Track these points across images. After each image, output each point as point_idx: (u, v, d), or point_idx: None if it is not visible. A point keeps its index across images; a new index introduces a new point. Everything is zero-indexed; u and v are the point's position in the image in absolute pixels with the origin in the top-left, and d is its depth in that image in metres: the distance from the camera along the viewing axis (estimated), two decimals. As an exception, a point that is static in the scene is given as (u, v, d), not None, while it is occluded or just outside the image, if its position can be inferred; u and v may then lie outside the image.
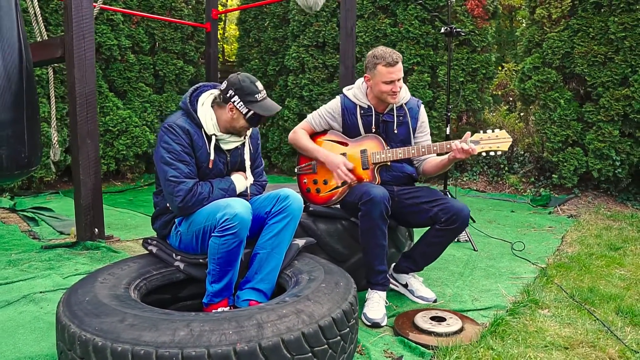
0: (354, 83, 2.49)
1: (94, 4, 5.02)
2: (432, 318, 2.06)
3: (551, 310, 2.23)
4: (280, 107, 2.10)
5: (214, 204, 1.89)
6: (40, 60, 3.24)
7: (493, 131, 2.20)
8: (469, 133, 2.18)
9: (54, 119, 3.62)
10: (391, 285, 2.47)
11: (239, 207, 1.82)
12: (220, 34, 9.08)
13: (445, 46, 5.60)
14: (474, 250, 3.26)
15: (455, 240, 3.45)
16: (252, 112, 2.00)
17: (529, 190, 5.09)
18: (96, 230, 3.09)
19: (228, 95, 1.98)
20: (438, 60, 5.65)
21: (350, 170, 2.30)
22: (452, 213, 2.19)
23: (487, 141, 2.19)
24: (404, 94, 2.41)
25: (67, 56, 2.93)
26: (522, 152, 5.45)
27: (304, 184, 2.51)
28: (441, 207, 2.23)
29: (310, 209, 2.42)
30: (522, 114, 6.25)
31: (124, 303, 1.58)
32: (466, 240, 3.40)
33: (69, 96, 2.99)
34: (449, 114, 3.58)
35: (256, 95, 2.00)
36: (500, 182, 5.42)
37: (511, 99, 7.01)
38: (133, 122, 6.03)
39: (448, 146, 2.22)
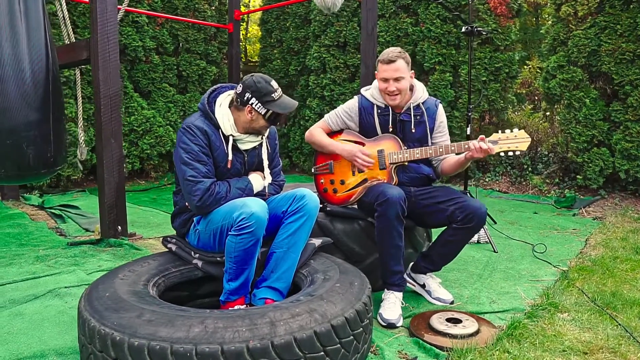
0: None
1: (119, 6, 5.14)
2: (448, 320, 2.04)
3: (571, 314, 2.19)
4: (297, 103, 2.12)
5: (231, 204, 1.92)
6: (67, 62, 3.35)
7: (512, 131, 2.18)
8: (483, 136, 2.16)
9: (81, 119, 3.72)
10: (409, 285, 2.47)
11: (256, 207, 1.85)
12: (242, 34, 9.19)
13: (467, 45, 5.53)
14: (494, 251, 3.21)
15: (476, 241, 3.42)
16: (271, 111, 2.02)
17: (553, 192, 4.99)
18: (119, 227, 3.17)
19: (245, 98, 2.01)
20: (460, 59, 5.59)
21: (368, 156, 2.31)
22: (469, 212, 2.17)
23: (506, 141, 2.17)
24: (421, 94, 2.40)
25: (92, 58, 3.01)
26: (547, 153, 5.34)
27: (321, 184, 2.52)
28: (457, 205, 2.21)
29: (328, 209, 2.44)
30: (548, 113, 6.13)
31: (142, 299, 1.62)
32: (486, 241, 3.37)
33: (94, 97, 3.08)
34: (469, 114, 3.54)
35: (273, 95, 2.02)
36: (524, 183, 5.33)
37: (536, 98, 6.88)
38: (157, 122, 6.15)
39: (466, 146, 2.20)
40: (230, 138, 2.05)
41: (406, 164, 2.35)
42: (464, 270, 2.86)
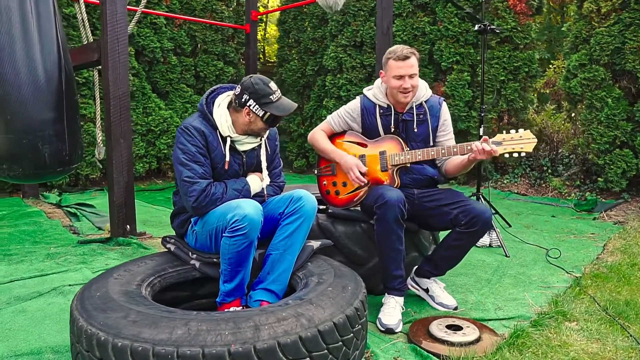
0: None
1: (136, 8, 5.21)
2: (448, 326, 1.98)
3: (580, 323, 2.10)
4: (297, 105, 2.09)
5: (226, 205, 1.91)
6: (80, 64, 3.40)
7: (517, 131, 2.10)
8: (486, 137, 2.09)
9: (99, 119, 3.79)
10: (412, 290, 2.41)
11: (249, 208, 1.83)
12: (261, 35, 9.23)
13: (486, 44, 5.41)
14: (506, 256, 3.12)
15: (487, 245, 3.33)
16: (268, 113, 2.00)
17: (573, 194, 4.83)
18: (128, 227, 3.21)
19: (243, 100, 2.00)
20: (478, 58, 5.46)
21: (364, 174, 2.27)
22: (473, 215, 2.10)
23: (510, 142, 2.09)
24: (424, 92, 2.34)
25: (102, 59, 3.05)
26: (568, 154, 5.17)
27: (324, 186, 2.49)
28: (461, 209, 2.15)
29: (329, 211, 2.40)
30: (572, 114, 5.94)
31: (132, 299, 1.62)
32: (498, 245, 3.27)
33: (104, 98, 3.12)
34: (482, 114, 3.45)
35: (271, 97, 2.00)
36: (543, 185, 5.17)
37: (560, 98, 6.68)
38: (174, 122, 6.23)
39: (469, 147, 2.14)
40: (228, 139, 2.03)
41: (408, 165, 2.29)
42: (472, 274, 2.78)
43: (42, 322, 2.09)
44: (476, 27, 3.36)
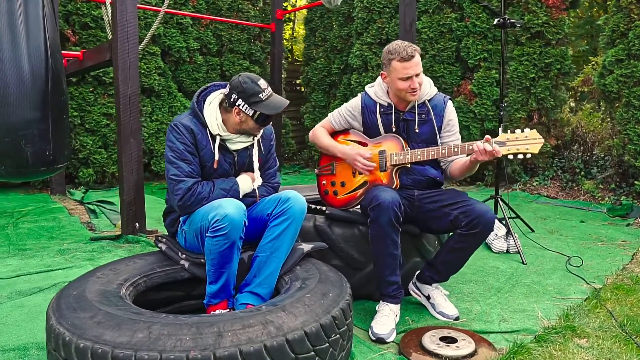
0: None
1: (159, 8, 5.28)
2: (442, 338, 1.86)
3: (590, 340, 1.93)
4: (288, 102, 2.01)
5: (210, 204, 1.87)
6: (96, 63, 3.47)
7: (522, 131, 1.96)
8: (488, 137, 1.96)
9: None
10: (414, 296, 2.30)
11: (230, 208, 1.78)
12: (289, 33, 9.21)
13: (515, 40, 5.17)
14: (522, 263, 2.94)
15: (504, 250, 3.16)
16: (258, 112, 1.94)
17: (607, 198, 4.53)
18: (137, 224, 3.23)
19: (232, 99, 1.95)
20: (508, 55, 5.22)
21: (369, 159, 2.18)
22: (474, 216, 1.97)
23: (515, 142, 1.95)
24: (428, 89, 2.22)
25: (113, 59, 3.09)
26: (603, 155, 4.86)
27: (323, 186, 2.41)
28: (462, 209, 2.02)
29: (327, 212, 2.32)
30: (612, 112, 5.59)
31: (106, 299, 1.60)
32: (516, 251, 3.09)
33: (115, 97, 3.16)
34: (501, 113, 3.27)
35: (260, 95, 1.94)
36: (575, 188, 4.88)
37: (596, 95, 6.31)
38: (199, 121, 6.28)
39: (470, 147, 2.01)
40: (217, 138, 1.99)
41: (408, 165, 2.18)
42: (483, 282, 2.63)
43: (36, 317, 2.11)
44: (495, 21, 3.19)
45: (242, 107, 1.94)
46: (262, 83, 1.96)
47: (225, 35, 6.60)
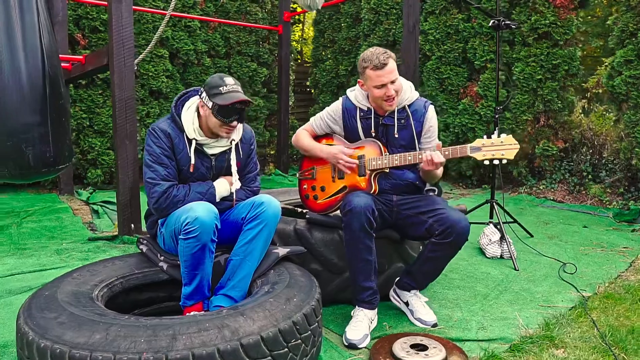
0: (416, 83, 2.34)
1: (165, 11, 5.36)
2: (413, 346, 1.85)
3: (567, 350, 1.89)
4: (246, 97, 1.96)
5: (183, 207, 1.89)
6: (96, 68, 3.54)
7: (499, 136, 1.93)
8: (439, 143, 1.94)
9: None
10: (394, 302, 2.29)
11: (201, 211, 1.80)
12: (299, 35, 9.24)
13: (522, 40, 5.07)
14: (515, 269, 2.89)
15: (498, 256, 3.11)
16: (217, 105, 1.93)
17: (615, 203, 4.41)
18: (132, 226, 3.29)
19: (201, 95, 2.00)
20: (514, 56, 5.14)
21: (352, 156, 2.18)
22: (447, 225, 1.96)
23: (490, 147, 1.92)
24: (408, 94, 2.21)
25: (109, 63, 3.16)
26: (612, 159, 4.73)
27: (304, 190, 2.42)
28: (436, 217, 2.00)
29: (307, 216, 2.33)
30: (620, 114, 5.44)
31: (75, 300, 1.64)
32: (510, 257, 3.04)
33: (111, 100, 3.22)
34: (496, 116, 3.22)
35: (220, 88, 1.95)
36: (583, 192, 4.77)
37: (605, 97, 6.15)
38: (207, 122, 6.35)
39: (420, 157, 2.00)
40: (193, 142, 2.02)
41: (387, 170, 2.17)
42: (470, 288, 2.59)
43: (22, 316, 2.17)
44: (490, 23, 3.14)
45: (204, 99, 1.98)
46: (229, 80, 1.98)
47: (233, 38, 6.66)
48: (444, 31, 5.65)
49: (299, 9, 7.46)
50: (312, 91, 7.88)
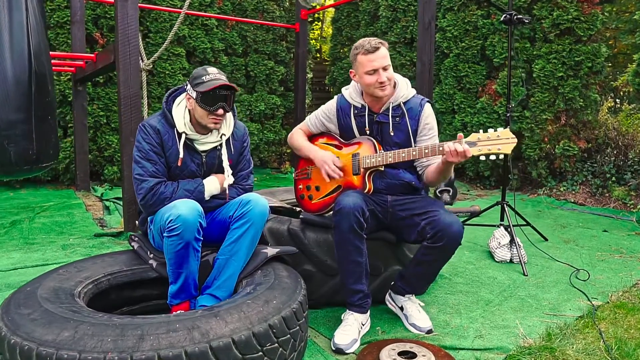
0: (431, 81, 2.26)
1: (180, 9, 5.38)
2: (401, 353, 1.77)
3: (567, 362, 1.77)
4: (227, 82, 1.94)
5: (167, 205, 1.87)
6: (104, 66, 3.58)
7: (495, 130, 1.83)
8: (461, 134, 1.84)
9: (147, 117, 3.96)
10: (390, 306, 2.21)
11: (184, 209, 1.77)
12: (318, 33, 9.18)
13: (543, 37, 4.88)
14: (523, 274, 2.76)
15: (508, 260, 2.99)
16: (201, 94, 1.92)
17: None
18: (137, 222, 3.29)
19: (187, 88, 2.00)
20: (535, 53, 4.95)
21: (340, 168, 2.11)
22: (438, 229, 1.87)
23: (486, 142, 1.82)
24: (404, 91, 2.12)
25: (115, 60, 3.17)
26: (638, 160, 4.50)
27: (299, 190, 2.36)
28: (428, 220, 1.92)
29: (301, 216, 2.27)
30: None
31: (54, 297, 1.63)
32: (520, 261, 2.91)
33: (117, 98, 3.24)
34: (508, 115, 3.09)
35: (203, 77, 1.96)
36: (606, 194, 4.56)
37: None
38: (223, 121, 6.37)
39: (440, 148, 1.90)
40: (183, 135, 1.99)
41: (382, 169, 2.09)
42: (474, 293, 2.49)
43: (16, 310, 2.19)
44: (502, 18, 3.02)
45: (189, 90, 1.97)
46: (212, 70, 1.99)
47: (250, 36, 6.66)
48: (462, 28, 5.50)
49: (317, 7, 7.42)
50: (331, 89, 7.82)
